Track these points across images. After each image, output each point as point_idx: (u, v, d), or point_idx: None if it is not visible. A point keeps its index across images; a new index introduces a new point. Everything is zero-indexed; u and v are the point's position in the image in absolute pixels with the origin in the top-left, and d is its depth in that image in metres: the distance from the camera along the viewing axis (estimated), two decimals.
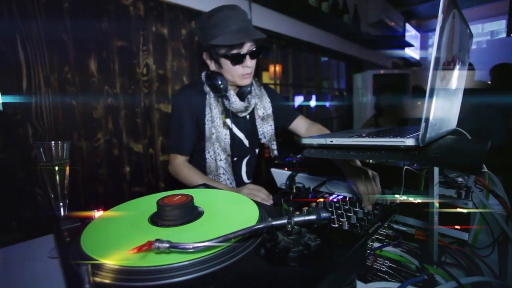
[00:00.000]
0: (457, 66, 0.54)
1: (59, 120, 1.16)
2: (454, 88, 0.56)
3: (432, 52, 0.42)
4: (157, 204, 0.51)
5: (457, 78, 0.56)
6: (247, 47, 1.00)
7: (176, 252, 0.38)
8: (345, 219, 0.72)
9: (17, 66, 1.04)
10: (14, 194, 1.00)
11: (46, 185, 0.59)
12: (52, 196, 0.60)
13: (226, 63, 1.02)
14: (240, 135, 1.16)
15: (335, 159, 0.95)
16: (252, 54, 1.02)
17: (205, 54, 1.06)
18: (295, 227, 0.42)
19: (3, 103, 1.04)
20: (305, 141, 0.61)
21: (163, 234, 0.47)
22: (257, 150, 1.27)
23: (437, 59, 0.42)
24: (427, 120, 0.43)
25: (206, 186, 0.79)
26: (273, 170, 1.30)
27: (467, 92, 1.54)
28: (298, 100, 3.02)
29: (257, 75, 2.15)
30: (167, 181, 1.53)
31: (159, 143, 1.49)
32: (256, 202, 0.58)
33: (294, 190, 1.03)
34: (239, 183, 1.22)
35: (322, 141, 0.58)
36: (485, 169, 0.81)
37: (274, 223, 0.40)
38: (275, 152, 1.21)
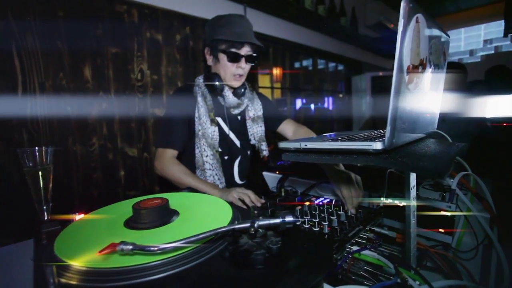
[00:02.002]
0: (429, 69, 0.54)
1: (54, 125, 1.18)
2: (428, 91, 0.57)
3: (395, 57, 0.43)
4: (132, 207, 0.52)
5: (430, 81, 0.56)
6: (245, 50, 1.09)
7: (140, 254, 0.39)
8: (327, 222, 0.72)
9: (12, 73, 1.07)
10: (8, 199, 1.03)
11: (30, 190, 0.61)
12: (36, 200, 0.61)
13: (223, 58, 1.09)
14: (231, 135, 1.20)
15: (315, 163, 0.96)
16: (247, 58, 1.11)
17: (206, 49, 1.14)
18: (260, 230, 0.43)
19: None
20: (282, 145, 0.62)
21: (135, 237, 0.48)
22: (249, 152, 1.29)
23: (399, 63, 0.43)
24: (391, 124, 0.44)
25: (190, 190, 0.80)
26: (265, 173, 1.31)
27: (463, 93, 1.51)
28: (296, 103, 3.02)
29: (254, 79, 2.16)
30: (162, 185, 1.54)
31: (154, 147, 1.51)
32: (232, 205, 0.59)
33: (283, 194, 1.03)
34: (232, 183, 1.23)
35: (297, 145, 0.59)
36: (469, 172, 0.81)
37: (236, 226, 0.41)
38: (265, 153, 1.25)
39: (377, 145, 0.46)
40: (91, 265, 0.38)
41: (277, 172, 1.26)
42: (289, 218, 0.43)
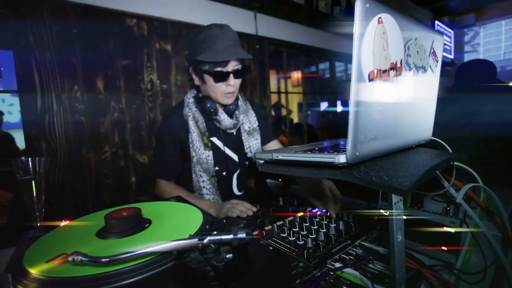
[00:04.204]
0: (409, 73, 0.49)
1: (70, 134, 1.27)
2: (410, 96, 0.52)
3: (353, 63, 0.40)
4: (104, 217, 0.54)
5: (413, 85, 0.51)
6: (232, 66, 1.02)
7: (89, 265, 0.40)
8: (313, 236, 0.69)
9: (32, 88, 1.18)
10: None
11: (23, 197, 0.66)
12: (29, 207, 0.65)
13: (209, 79, 1.03)
14: (229, 152, 1.17)
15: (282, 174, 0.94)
16: (236, 73, 1.03)
17: (190, 68, 1.09)
18: (212, 245, 0.42)
19: (21, 121, 1.18)
20: (258, 155, 0.60)
21: (102, 246, 0.49)
22: (247, 163, 1.28)
23: (358, 69, 0.40)
24: (352, 136, 0.40)
25: (180, 198, 0.81)
26: (268, 180, 1.29)
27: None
28: (314, 107, 2.95)
29: (266, 83, 2.15)
30: None
31: None
32: (205, 214, 0.58)
33: (281, 202, 1.00)
34: (230, 196, 1.20)
35: (269, 156, 0.56)
36: (479, 184, 0.72)
37: (181, 242, 0.40)
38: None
39: (340, 158, 0.43)
40: (42, 274, 0.39)
41: (280, 180, 1.24)
42: (241, 234, 0.41)
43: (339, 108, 3.04)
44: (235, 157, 1.19)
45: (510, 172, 1.08)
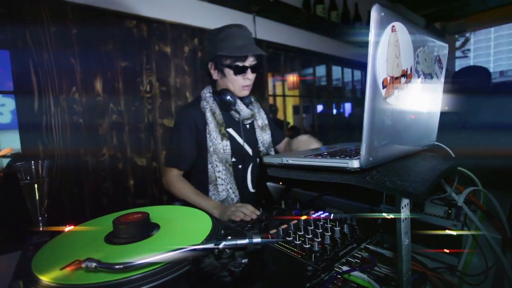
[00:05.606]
0: (417, 80, 0.51)
1: (67, 137, 1.25)
2: (418, 102, 0.53)
3: (368, 70, 0.41)
4: (113, 223, 0.53)
5: (421, 92, 0.53)
6: (250, 61, 1.13)
7: (104, 271, 0.40)
8: (319, 239, 0.69)
9: (29, 89, 1.16)
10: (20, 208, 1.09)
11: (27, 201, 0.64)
12: (31, 212, 0.64)
13: (229, 73, 1.13)
14: (243, 143, 1.23)
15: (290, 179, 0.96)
16: (253, 68, 1.15)
17: (210, 64, 1.16)
18: (227, 250, 0.42)
19: (17, 122, 1.15)
20: (266, 160, 0.61)
21: (112, 252, 0.49)
22: (258, 160, 1.30)
23: (373, 76, 0.40)
24: (367, 141, 0.41)
25: (183, 203, 0.81)
26: (269, 184, 1.29)
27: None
28: (310, 111, 2.97)
29: (265, 87, 2.16)
30: (170, 194, 1.57)
31: (162, 157, 1.54)
32: (213, 219, 0.58)
33: (283, 206, 1.01)
34: (245, 193, 1.24)
35: (279, 160, 0.57)
36: (479, 188, 0.74)
37: (197, 247, 0.40)
38: None
39: (354, 163, 0.43)
40: (55, 281, 0.38)
41: (280, 183, 1.24)
42: (256, 239, 0.41)
43: (335, 111, 3.07)
44: (249, 150, 1.24)
45: (506, 175, 1.11)
